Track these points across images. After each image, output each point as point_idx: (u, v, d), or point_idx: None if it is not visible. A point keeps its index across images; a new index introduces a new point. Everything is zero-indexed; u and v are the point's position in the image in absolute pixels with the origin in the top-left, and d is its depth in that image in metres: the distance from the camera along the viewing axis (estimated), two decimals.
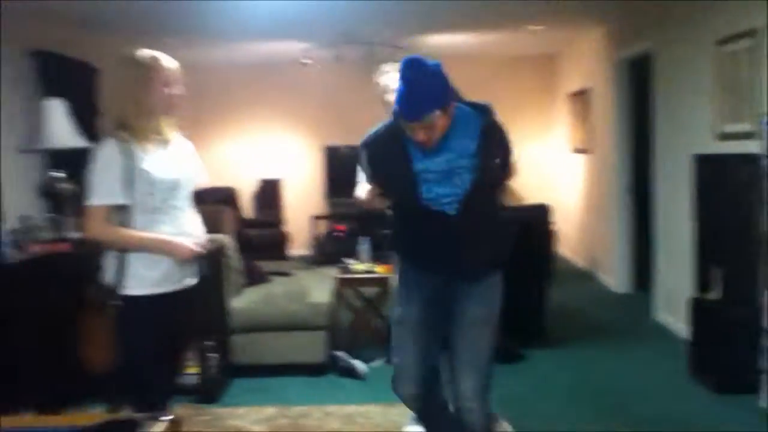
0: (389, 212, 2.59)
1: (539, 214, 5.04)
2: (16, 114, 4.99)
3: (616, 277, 6.45)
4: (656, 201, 5.47)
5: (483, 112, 2.41)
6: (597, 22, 6.60)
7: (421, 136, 2.25)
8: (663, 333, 5.07)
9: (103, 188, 2.36)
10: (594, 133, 7.13)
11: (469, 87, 9.08)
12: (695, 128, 4.66)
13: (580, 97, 7.54)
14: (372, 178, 2.48)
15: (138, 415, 1.34)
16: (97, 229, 2.38)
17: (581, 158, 7.68)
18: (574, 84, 7.85)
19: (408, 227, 2.50)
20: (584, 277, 7.21)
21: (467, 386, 2.47)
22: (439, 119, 2.23)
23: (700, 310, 4.08)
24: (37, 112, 3.82)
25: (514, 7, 5.72)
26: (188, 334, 2.89)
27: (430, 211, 2.33)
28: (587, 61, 7.39)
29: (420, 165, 2.32)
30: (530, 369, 4.38)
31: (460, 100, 2.38)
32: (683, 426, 3.44)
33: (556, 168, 8.81)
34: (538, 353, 4.62)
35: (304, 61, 6.66)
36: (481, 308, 2.47)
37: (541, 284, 4.93)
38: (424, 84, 2.22)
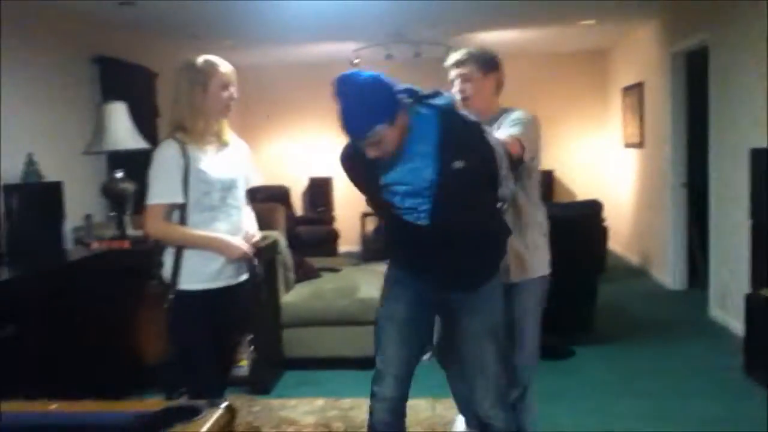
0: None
1: (590, 211, 5.01)
2: (79, 118, 5.22)
3: (669, 274, 6.34)
4: (711, 196, 5.36)
5: (438, 112, 2.20)
6: (650, 15, 6.49)
7: (372, 152, 2.15)
8: (718, 330, 4.97)
9: (163, 188, 2.48)
10: (647, 127, 7.01)
11: (521, 84, 9.16)
12: (752, 122, 4.56)
13: (634, 91, 7.43)
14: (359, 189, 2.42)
15: (197, 402, 1.42)
16: (157, 226, 2.51)
17: (634, 153, 7.57)
18: (628, 78, 7.74)
19: (391, 236, 2.44)
20: (637, 274, 7.11)
21: (480, 400, 2.40)
22: (386, 133, 2.10)
23: (756, 306, 4.00)
24: (99, 116, 3.99)
25: (565, 4, 5.68)
26: (241, 328, 3.00)
27: (406, 222, 2.25)
28: (641, 55, 7.27)
29: (387, 178, 2.22)
30: (580, 366, 4.36)
31: (421, 101, 2.22)
32: (738, 425, 3.39)
33: (608, 163, 8.70)
34: (589, 350, 4.60)
35: (355, 61, 6.76)
36: (476, 321, 2.34)
37: (592, 281, 4.89)
38: (360, 100, 2.09)
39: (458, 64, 2.69)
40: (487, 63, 2.73)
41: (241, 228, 2.61)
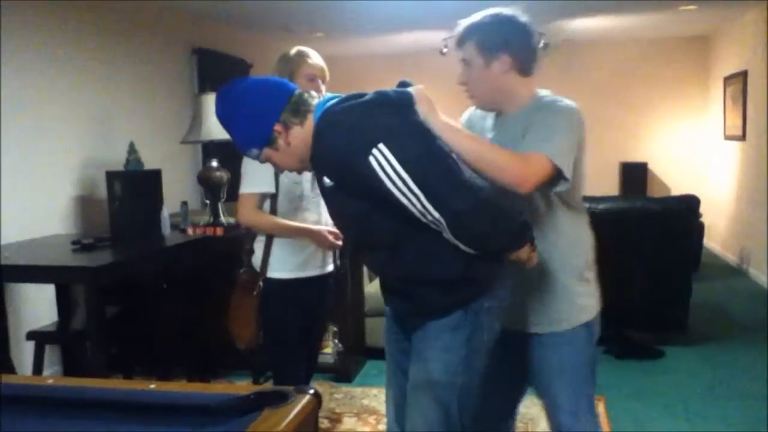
0: None
1: (686, 206, 4.82)
2: (178, 108, 5.45)
3: None
4: None
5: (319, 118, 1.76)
6: (755, 0, 6.15)
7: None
8: None
9: (256, 178, 2.56)
10: (750, 118, 6.66)
11: (615, 73, 8.94)
12: None
13: (737, 80, 7.06)
14: None
15: (285, 388, 1.48)
16: (249, 215, 2.60)
17: (735, 146, 7.21)
18: (730, 67, 7.36)
19: None
20: (735, 273, 6.79)
21: None
22: (269, 155, 1.81)
23: None
24: (196, 106, 4.15)
25: None
26: (327, 316, 3.07)
27: None
28: (745, 42, 6.90)
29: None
30: (671, 366, 4.22)
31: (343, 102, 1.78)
32: None
33: (707, 156, 8.32)
34: (680, 350, 4.44)
35: (444, 50, 6.74)
36: (413, 366, 1.84)
37: (687, 279, 4.72)
38: (234, 119, 1.79)
39: (457, 42, 1.99)
40: (491, 43, 1.92)
41: (327, 217, 2.67)
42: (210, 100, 4.03)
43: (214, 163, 4.01)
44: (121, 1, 4.85)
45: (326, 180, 1.75)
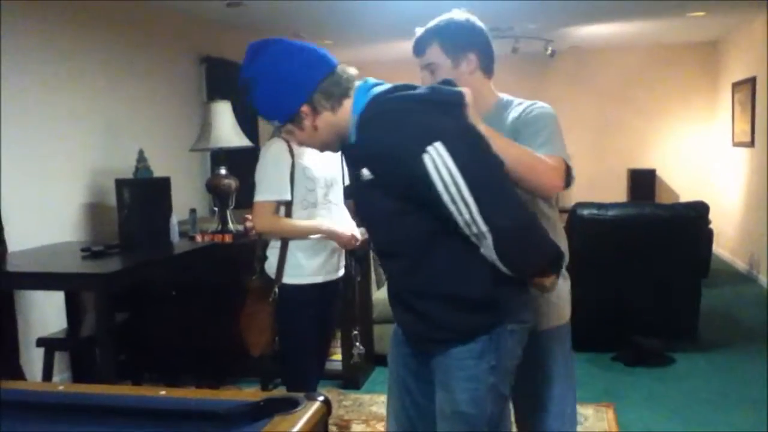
0: None
1: (695, 213, 4.80)
2: (187, 115, 5.47)
3: None
4: None
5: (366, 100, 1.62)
6: (764, 6, 6.13)
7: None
8: None
9: (272, 185, 2.58)
10: (759, 125, 6.64)
11: (623, 79, 8.95)
12: None
13: (745, 86, 7.04)
14: None
15: (296, 394, 1.48)
16: (267, 222, 2.61)
17: (744, 152, 7.18)
18: (739, 72, 7.34)
19: None
20: (744, 279, 6.75)
21: None
22: (294, 130, 1.68)
23: None
24: (205, 114, 4.17)
25: None
26: (336, 322, 3.08)
27: None
28: (754, 47, 6.88)
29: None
30: (681, 373, 4.20)
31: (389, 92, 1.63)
32: None
33: (716, 162, 8.29)
34: (691, 357, 4.42)
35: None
36: (439, 394, 1.71)
37: (696, 285, 4.69)
38: (259, 85, 1.62)
39: (417, 49, 1.94)
40: (457, 42, 1.90)
41: (340, 224, 2.68)
42: (220, 108, 4.05)
43: (223, 171, 4.03)
44: (130, 9, 4.88)
45: (365, 173, 1.58)
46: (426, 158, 1.47)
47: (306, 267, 2.63)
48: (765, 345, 4.70)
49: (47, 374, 3.40)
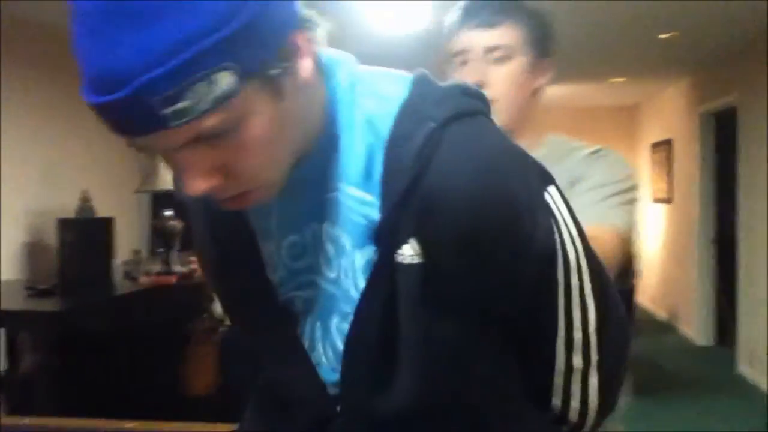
0: None
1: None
2: (129, 156, 5.47)
3: (697, 329, 6.36)
4: (739, 252, 5.42)
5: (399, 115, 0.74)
6: (680, 75, 6.66)
7: (200, 182, 0.68)
8: (745, 387, 4.98)
9: None
10: (676, 183, 7.12)
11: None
12: None
13: (663, 147, 7.56)
14: None
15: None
16: None
17: (662, 208, 7.65)
18: (657, 135, 7.88)
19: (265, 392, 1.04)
20: (664, 329, 7.12)
21: None
22: (241, 107, 0.64)
23: None
24: (150, 156, 4.21)
25: (595, 62, 5.88)
26: None
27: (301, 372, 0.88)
28: (670, 112, 7.42)
29: (278, 261, 0.84)
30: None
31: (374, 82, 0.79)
32: None
33: (638, 217, 8.76)
34: None
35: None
36: None
37: None
38: None
39: (481, 17, 1.25)
40: (544, 37, 1.31)
41: None
42: None
43: (169, 213, 4.06)
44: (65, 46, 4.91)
45: (408, 252, 0.72)
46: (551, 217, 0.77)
47: None
48: (687, 392, 4.98)
49: None
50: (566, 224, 0.78)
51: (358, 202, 0.76)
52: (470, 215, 0.70)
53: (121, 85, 0.60)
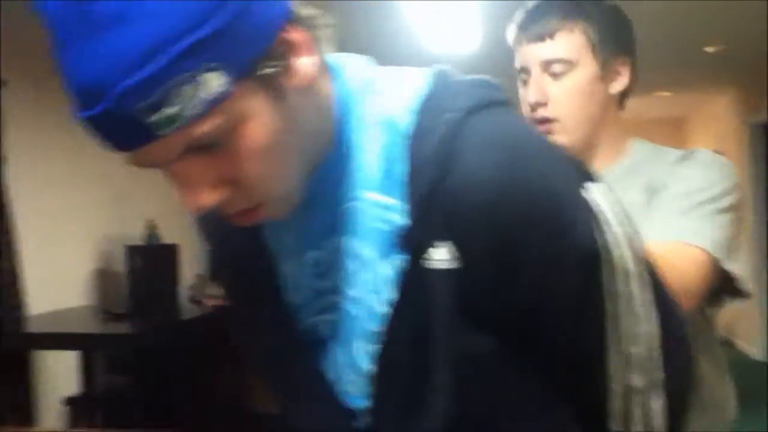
0: None
1: None
2: None
3: (755, 344, 6.26)
4: None
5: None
6: (727, 86, 6.63)
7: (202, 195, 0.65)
8: None
9: None
10: None
11: None
12: None
13: None
14: None
15: None
16: None
17: None
18: (705, 147, 7.77)
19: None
20: (721, 344, 7.01)
21: None
22: (238, 110, 0.61)
23: None
24: None
25: (641, 77, 5.90)
26: None
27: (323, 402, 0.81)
28: (718, 124, 7.37)
29: (291, 284, 0.79)
30: None
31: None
32: None
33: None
34: None
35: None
36: None
37: None
38: None
39: (536, 26, 1.14)
40: (610, 35, 1.15)
41: None
42: None
43: None
44: None
45: (436, 255, 0.67)
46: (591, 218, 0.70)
47: None
48: (745, 409, 4.91)
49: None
50: (610, 225, 0.70)
51: (379, 207, 0.70)
52: (501, 208, 0.65)
53: (100, 97, 0.57)
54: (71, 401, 3.66)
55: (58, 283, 4.20)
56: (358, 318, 0.73)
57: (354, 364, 0.75)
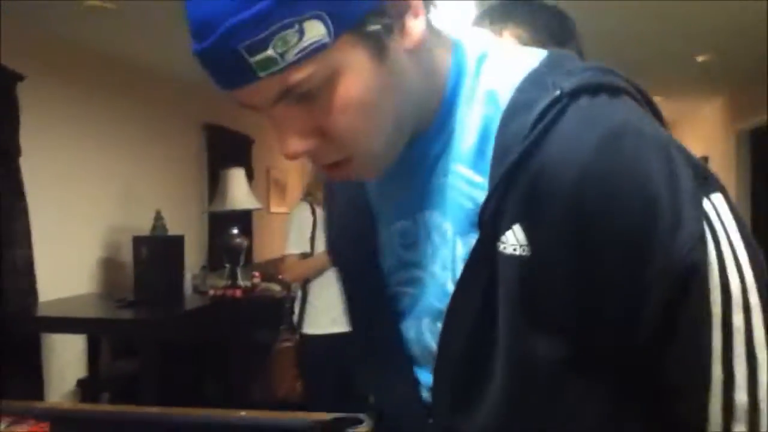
0: None
1: None
2: (195, 179, 5.82)
3: None
4: None
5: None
6: (716, 92, 6.82)
7: (295, 142, 0.66)
8: None
9: (296, 241, 2.99)
10: None
11: None
12: None
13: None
14: None
15: (359, 414, 1.76)
16: (295, 269, 3.01)
17: None
18: (694, 151, 7.98)
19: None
20: None
21: None
22: (318, 65, 0.61)
23: None
24: (222, 179, 4.53)
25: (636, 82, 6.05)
26: None
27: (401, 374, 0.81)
28: (706, 129, 7.56)
29: (388, 249, 0.79)
30: None
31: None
32: None
33: None
34: None
35: None
36: None
37: None
38: None
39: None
40: (551, 34, 1.17)
41: None
42: (235, 174, 4.44)
43: (235, 231, 4.38)
44: (147, 84, 5.28)
45: (512, 240, 0.63)
46: (705, 224, 0.63)
47: (324, 318, 2.97)
48: None
49: None
50: (731, 245, 0.61)
51: (467, 182, 0.68)
52: (587, 198, 0.58)
53: (210, 32, 0.59)
54: (79, 383, 3.81)
55: (67, 271, 4.33)
56: (430, 294, 0.72)
57: (420, 340, 0.75)
